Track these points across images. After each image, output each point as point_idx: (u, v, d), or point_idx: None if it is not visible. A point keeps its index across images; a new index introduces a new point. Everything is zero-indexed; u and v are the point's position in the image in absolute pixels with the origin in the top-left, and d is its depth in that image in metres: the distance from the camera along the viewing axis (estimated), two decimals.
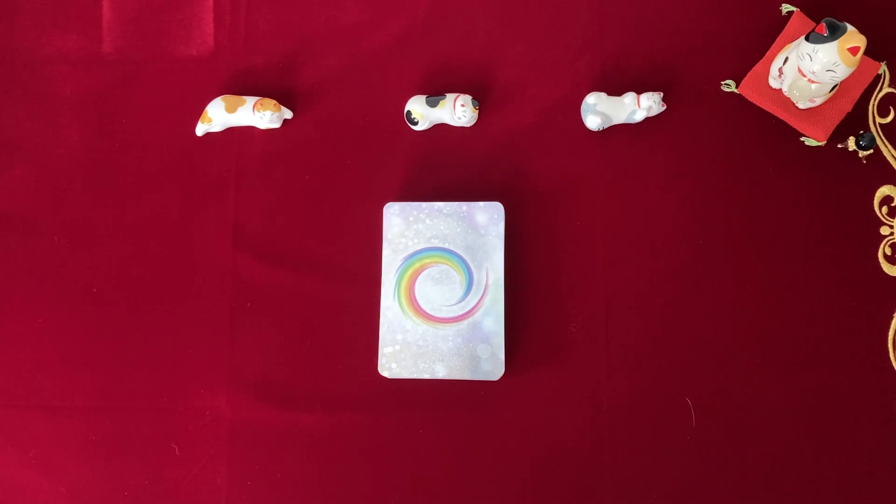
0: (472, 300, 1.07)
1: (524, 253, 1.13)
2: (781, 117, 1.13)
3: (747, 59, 1.15)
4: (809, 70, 1.01)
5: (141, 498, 1.11)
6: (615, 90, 1.14)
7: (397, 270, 1.08)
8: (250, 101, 1.15)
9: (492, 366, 1.05)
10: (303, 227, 1.16)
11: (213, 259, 1.16)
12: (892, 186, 1.12)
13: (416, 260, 1.08)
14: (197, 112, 1.18)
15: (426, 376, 1.06)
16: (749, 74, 1.14)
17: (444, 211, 1.09)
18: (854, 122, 1.14)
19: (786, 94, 1.10)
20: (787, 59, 1.06)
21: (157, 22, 1.23)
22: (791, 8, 1.16)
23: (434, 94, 1.15)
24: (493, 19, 1.20)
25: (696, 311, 1.11)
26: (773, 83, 1.12)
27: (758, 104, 1.14)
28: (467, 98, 1.13)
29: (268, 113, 1.14)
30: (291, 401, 1.12)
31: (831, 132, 1.12)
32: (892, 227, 1.11)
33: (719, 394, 1.09)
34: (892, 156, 1.13)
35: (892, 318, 1.10)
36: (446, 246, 1.08)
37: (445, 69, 1.19)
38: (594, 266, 1.12)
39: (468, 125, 1.16)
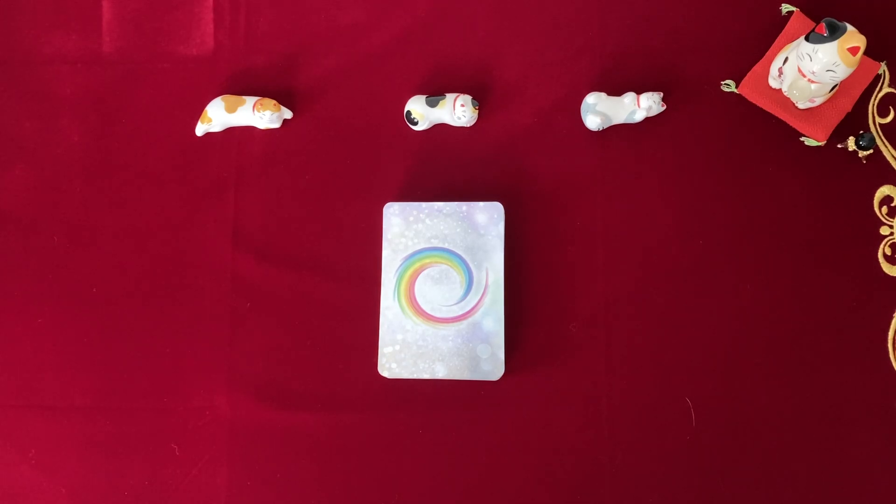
0: (472, 300, 1.07)
1: (524, 253, 1.13)
2: (781, 117, 1.13)
3: (747, 59, 1.15)
4: (809, 70, 1.01)
5: (141, 498, 1.11)
6: (615, 90, 1.14)
7: (397, 270, 1.08)
8: (250, 101, 1.15)
9: (492, 366, 1.05)
10: (303, 227, 1.16)
11: (213, 259, 1.16)
12: (892, 186, 1.12)
13: (416, 260, 1.08)
14: (197, 112, 1.18)
15: (426, 376, 1.06)
16: (749, 74, 1.14)
17: (444, 211, 1.09)
18: (854, 122, 1.14)
19: (786, 94, 1.10)
20: (786, 59, 1.06)
21: (157, 22, 1.23)
22: (791, 8, 1.16)
23: (434, 94, 1.15)
24: (493, 19, 1.20)
25: (695, 310, 1.11)
26: (773, 83, 1.12)
27: (758, 104, 1.14)
28: (467, 98, 1.13)
29: (268, 113, 1.14)
30: (291, 401, 1.12)
31: (831, 132, 1.12)
32: (892, 227, 1.11)
33: (719, 394, 1.09)
34: (892, 156, 1.13)
35: (892, 318, 1.10)
36: (446, 246, 1.08)
37: (445, 69, 1.19)
38: (594, 266, 1.12)
39: (468, 125, 1.16)
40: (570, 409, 1.10)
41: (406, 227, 1.09)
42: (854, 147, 1.11)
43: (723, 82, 1.16)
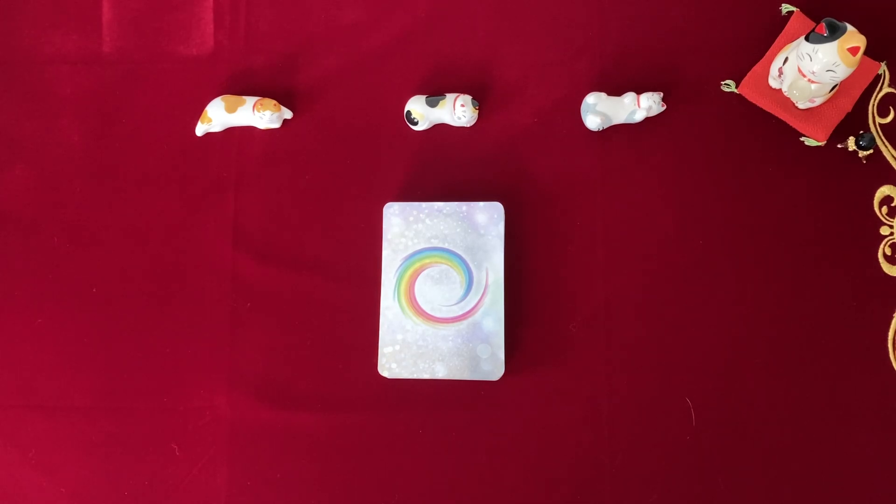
0: (472, 300, 1.07)
1: (524, 253, 1.13)
2: (781, 117, 1.13)
3: (747, 59, 1.15)
4: (809, 70, 1.01)
5: (141, 498, 1.11)
6: (615, 90, 1.14)
7: (397, 270, 1.08)
8: (250, 101, 1.15)
9: (492, 366, 1.05)
10: (303, 227, 1.16)
11: (213, 259, 1.16)
12: (892, 186, 1.12)
13: (416, 260, 1.08)
14: (197, 112, 1.18)
15: (426, 376, 1.06)
16: (749, 74, 1.14)
17: (444, 211, 1.09)
18: (854, 122, 1.14)
19: (786, 94, 1.10)
20: (786, 59, 1.06)
21: (157, 22, 1.23)
22: (791, 8, 1.16)
23: (434, 94, 1.15)
24: (493, 19, 1.20)
25: (695, 310, 1.11)
26: (773, 83, 1.12)
27: (758, 104, 1.14)
28: (467, 98, 1.13)
29: (268, 113, 1.14)
30: (291, 401, 1.12)
31: (831, 132, 1.12)
32: (892, 227, 1.11)
33: (719, 393, 1.09)
34: (892, 156, 1.13)
35: (892, 318, 1.10)
36: (446, 246, 1.08)
37: (445, 69, 1.19)
38: (594, 266, 1.12)
39: (468, 125, 1.16)
40: (570, 409, 1.10)
41: (406, 227, 1.09)
42: (854, 147, 1.11)
43: (723, 82, 1.16)
